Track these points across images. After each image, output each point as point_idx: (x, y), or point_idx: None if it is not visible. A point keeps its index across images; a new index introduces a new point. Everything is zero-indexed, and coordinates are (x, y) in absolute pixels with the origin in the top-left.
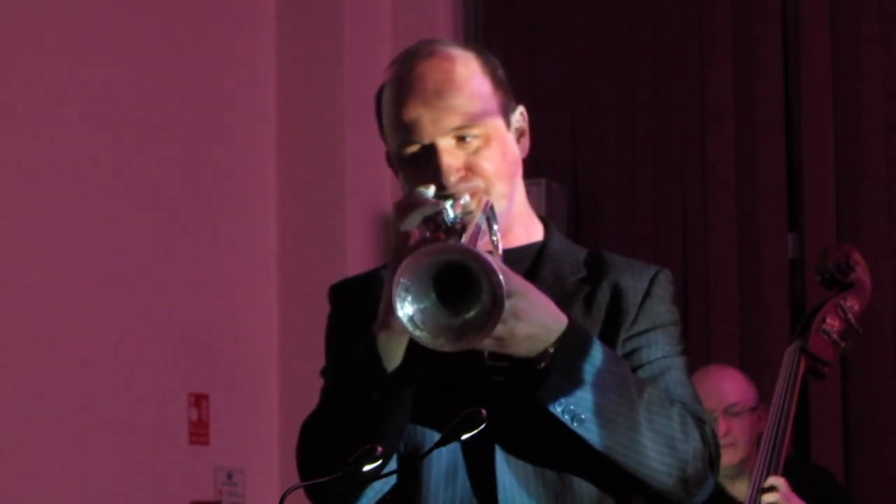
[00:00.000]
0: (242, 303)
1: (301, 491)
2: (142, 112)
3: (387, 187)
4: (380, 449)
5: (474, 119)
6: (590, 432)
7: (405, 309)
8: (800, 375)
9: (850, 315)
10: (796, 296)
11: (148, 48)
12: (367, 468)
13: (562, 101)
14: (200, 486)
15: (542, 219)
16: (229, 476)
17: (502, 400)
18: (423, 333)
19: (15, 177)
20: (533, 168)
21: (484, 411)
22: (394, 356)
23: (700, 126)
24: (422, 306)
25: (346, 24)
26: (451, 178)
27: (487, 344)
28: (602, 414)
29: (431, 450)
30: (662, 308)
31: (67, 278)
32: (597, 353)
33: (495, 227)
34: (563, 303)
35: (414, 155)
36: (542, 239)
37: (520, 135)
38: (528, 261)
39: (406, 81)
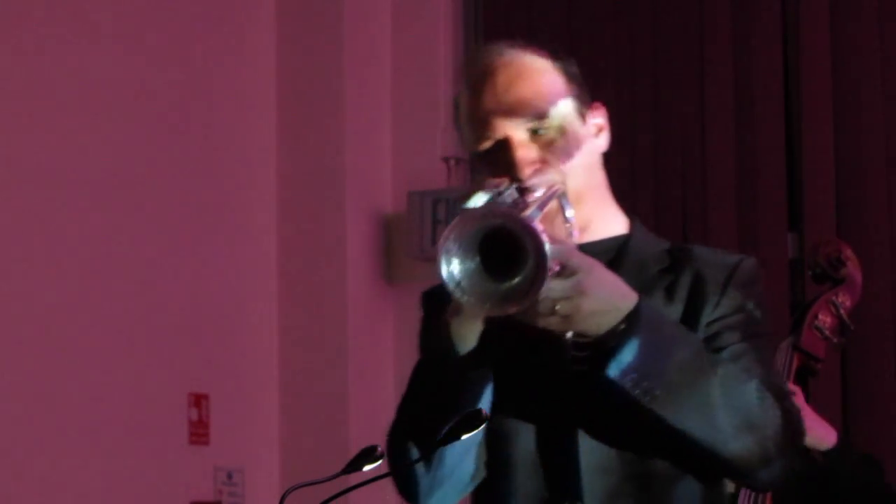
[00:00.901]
0: (242, 303)
1: (301, 491)
2: (141, 112)
3: (387, 187)
4: (379, 449)
5: (546, 112)
6: (663, 408)
7: (451, 270)
8: (793, 372)
9: (841, 311)
10: (796, 296)
11: (148, 48)
12: (367, 468)
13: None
14: (200, 486)
15: (628, 214)
16: (229, 476)
17: (584, 387)
18: (468, 298)
19: (14, 177)
20: None
21: (484, 411)
22: (466, 341)
23: (700, 126)
24: (467, 270)
25: (346, 24)
26: (526, 171)
27: (554, 322)
28: (675, 390)
29: (431, 450)
30: (744, 294)
31: (67, 278)
32: (668, 330)
33: (568, 212)
34: (643, 292)
35: (488, 150)
36: (625, 233)
37: (598, 130)
38: (610, 254)
39: (478, 79)
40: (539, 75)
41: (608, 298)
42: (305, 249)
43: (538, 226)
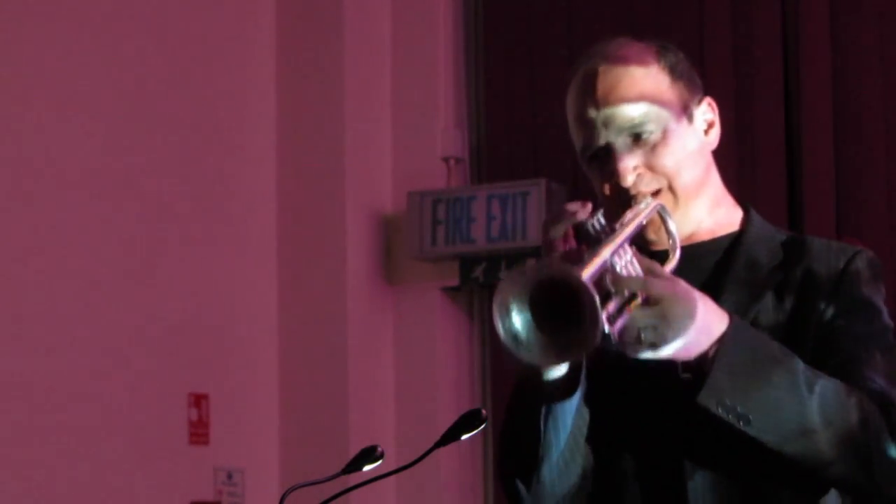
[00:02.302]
0: (242, 303)
1: (301, 491)
2: (141, 112)
3: (387, 187)
4: (379, 449)
5: (647, 116)
6: (759, 433)
7: (508, 327)
8: None
9: None
10: None
11: (147, 48)
12: (367, 468)
13: (562, 101)
14: (200, 486)
15: (745, 206)
16: (229, 476)
17: (690, 411)
18: (530, 353)
19: (14, 177)
20: (533, 168)
21: (484, 411)
22: (555, 367)
23: None
24: (524, 325)
25: (346, 24)
26: (629, 179)
27: (643, 350)
28: (770, 413)
29: (429, 451)
30: (858, 290)
31: (67, 278)
32: (763, 352)
33: (671, 226)
34: (754, 294)
35: (593, 157)
36: (738, 229)
37: (708, 126)
38: (718, 254)
39: (581, 83)
40: (642, 79)
41: (697, 325)
42: (305, 249)
43: (588, 280)
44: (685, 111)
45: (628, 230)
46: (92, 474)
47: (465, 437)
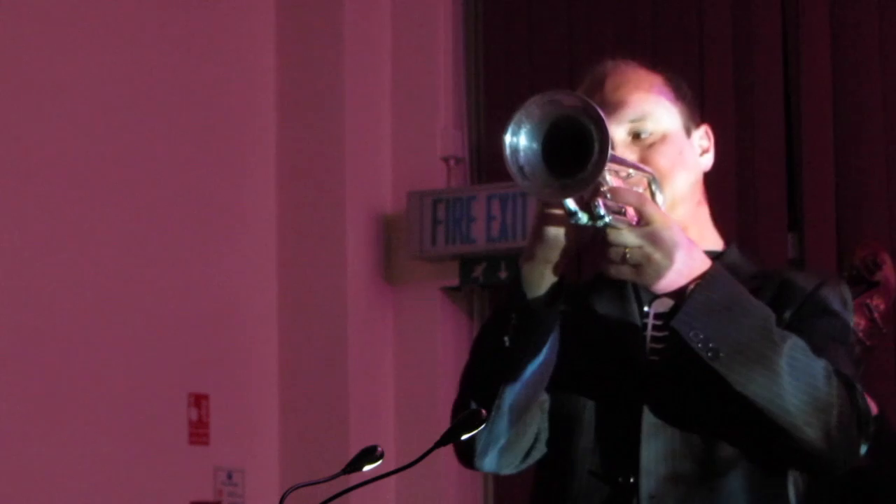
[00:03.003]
0: (242, 303)
1: (301, 491)
2: (141, 112)
3: (387, 187)
4: (379, 449)
5: (649, 116)
6: (728, 371)
7: (515, 146)
8: None
9: (875, 314)
10: None
11: (147, 48)
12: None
13: None
14: (200, 486)
15: (726, 239)
16: (229, 476)
17: (655, 369)
18: (528, 183)
19: (14, 177)
20: None
21: (484, 411)
22: (536, 286)
23: None
24: (530, 154)
25: (346, 24)
26: (622, 172)
27: (625, 271)
28: (741, 352)
29: (429, 451)
30: (827, 303)
31: (66, 278)
32: (741, 296)
33: (658, 198)
34: None
35: None
36: (720, 249)
37: (703, 150)
38: None
39: (591, 84)
40: (648, 84)
41: (682, 255)
42: (305, 249)
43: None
44: (685, 129)
45: (626, 162)
46: (92, 474)
47: (465, 437)
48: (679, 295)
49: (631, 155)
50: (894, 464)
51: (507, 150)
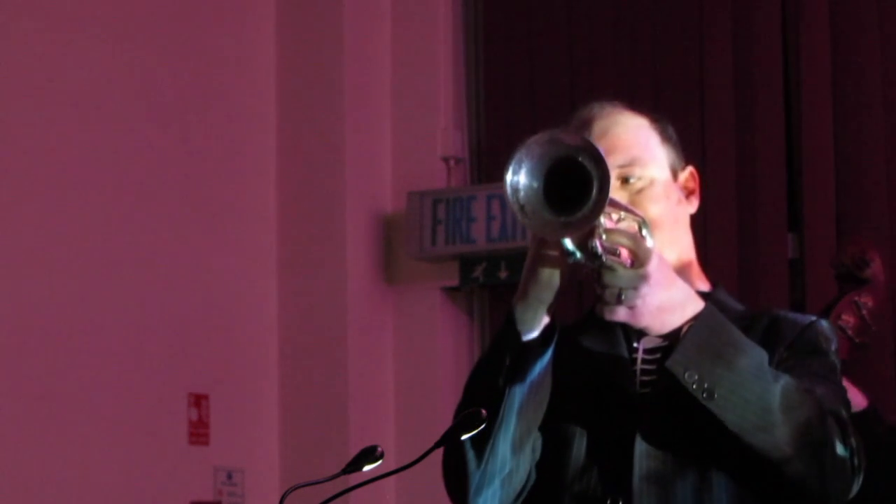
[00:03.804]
0: (242, 303)
1: (301, 491)
2: (141, 112)
3: (387, 187)
4: (379, 450)
5: (638, 160)
6: (723, 409)
7: (515, 184)
8: None
9: (864, 311)
10: (796, 296)
11: (147, 48)
12: (367, 468)
13: (562, 100)
14: (200, 486)
15: (712, 281)
16: (229, 476)
17: (647, 397)
18: (529, 221)
19: (14, 177)
20: None
21: (484, 411)
22: (530, 326)
23: (700, 126)
24: (531, 193)
25: (346, 24)
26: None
27: (620, 313)
28: (735, 392)
29: (429, 451)
30: (820, 344)
31: (66, 278)
32: (734, 336)
33: (649, 242)
34: None
35: None
36: (707, 290)
37: (689, 193)
38: None
39: (578, 127)
40: (635, 127)
41: (676, 296)
42: (305, 249)
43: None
44: (672, 172)
45: (620, 205)
46: (92, 474)
47: (465, 437)
48: (673, 336)
49: (618, 199)
50: (885, 457)
51: (509, 189)
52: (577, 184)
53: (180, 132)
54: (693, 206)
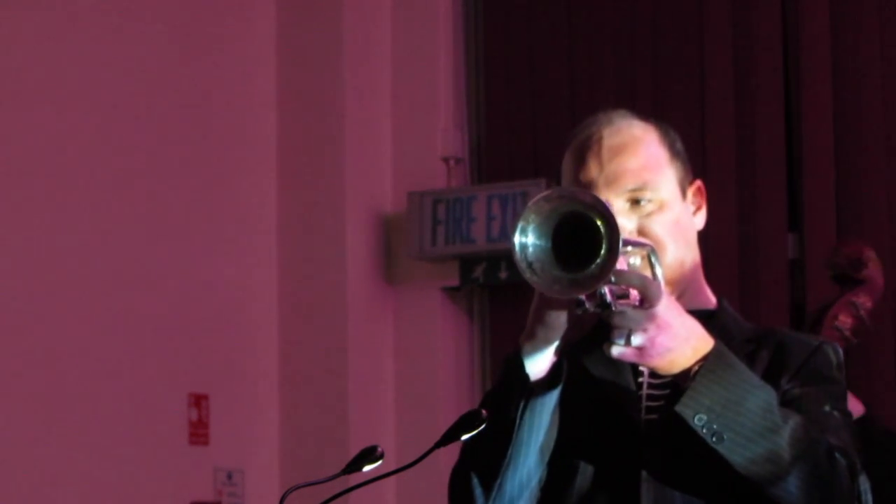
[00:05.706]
0: (242, 303)
1: (301, 491)
2: (141, 112)
3: (387, 187)
4: (379, 450)
5: (648, 183)
6: (730, 453)
7: (524, 244)
8: None
9: (861, 312)
10: (796, 296)
11: (147, 48)
12: (367, 468)
13: (562, 100)
14: (200, 486)
15: (718, 298)
16: (229, 476)
17: (653, 432)
18: (537, 279)
19: (13, 177)
20: (533, 168)
21: (484, 411)
22: (537, 366)
23: (700, 126)
24: (540, 251)
25: (346, 23)
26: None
27: (628, 354)
28: (744, 435)
29: (429, 451)
30: (826, 370)
31: (66, 278)
32: (744, 377)
33: (658, 270)
34: None
35: None
36: (713, 307)
37: (696, 208)
38: None
39: (584, 145)
40: (644, 147)
41: (685, 337)
42: (306, 249)
43: (615, 216)
44: (681, 188)
45: (627, 241)
46: (92, 474)
47: (465, 437)
48: (682, 376)
49: (629, 224)
50: (883, 461)
51: (517, 247)
52: (586, 239)
53: (180, 132)
54: (700, 221)
